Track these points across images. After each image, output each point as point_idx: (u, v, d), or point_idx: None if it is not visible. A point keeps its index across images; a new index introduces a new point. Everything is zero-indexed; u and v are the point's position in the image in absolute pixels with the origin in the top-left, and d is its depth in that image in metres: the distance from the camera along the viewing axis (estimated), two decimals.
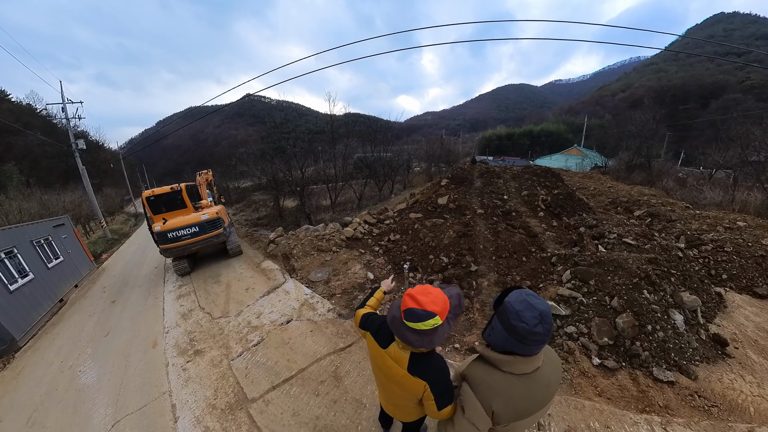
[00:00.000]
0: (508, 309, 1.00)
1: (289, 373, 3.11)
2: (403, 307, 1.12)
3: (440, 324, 1.08)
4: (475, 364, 1.17)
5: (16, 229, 6.00)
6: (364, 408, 2.61)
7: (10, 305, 5.01)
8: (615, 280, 3.51)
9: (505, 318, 1.01)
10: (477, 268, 4.88)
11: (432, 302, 1.07)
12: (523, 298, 1.01)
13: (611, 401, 2.48)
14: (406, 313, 1.09)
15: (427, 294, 1.10)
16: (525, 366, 1.04)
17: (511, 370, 1.05)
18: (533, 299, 1.00)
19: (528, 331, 0.96)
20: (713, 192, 11.31)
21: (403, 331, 1.12)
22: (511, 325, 0.99)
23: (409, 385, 1.20)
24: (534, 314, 0.96)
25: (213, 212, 6.66)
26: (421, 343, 1.10)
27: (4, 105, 31.62)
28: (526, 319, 0.96)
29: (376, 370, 1.37)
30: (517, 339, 0.98)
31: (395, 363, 1.22)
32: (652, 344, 2.88)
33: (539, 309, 0.97)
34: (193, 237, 6.28)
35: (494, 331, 1.08)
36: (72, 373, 3.82)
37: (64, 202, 15.14)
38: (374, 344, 1.31)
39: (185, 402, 2.98)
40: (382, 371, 1.31)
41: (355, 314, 1.55)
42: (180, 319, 4.71)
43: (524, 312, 0.97)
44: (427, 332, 1.08)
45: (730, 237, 4.98)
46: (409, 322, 1.08)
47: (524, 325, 0.96)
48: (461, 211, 7.33)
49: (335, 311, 4.20)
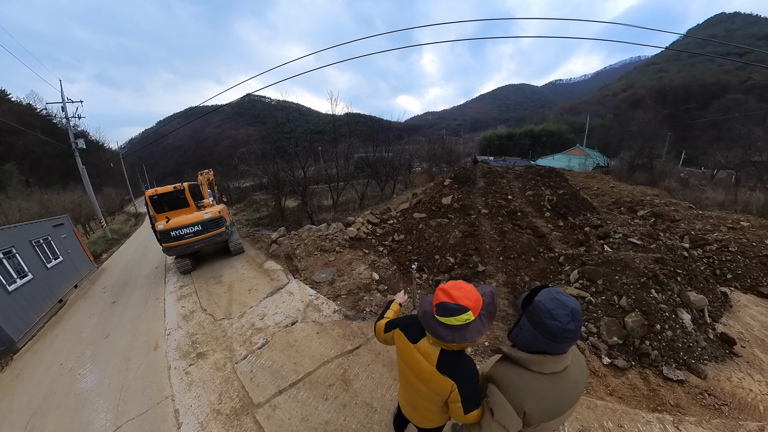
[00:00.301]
0: (539, 308, 1.00)
1: (296, 377, 3.02)
2: (435, 301, 1.11)
3: (472, 320, 1.06)
4: (501, 365, 1.15)
5: (14, 229, 5.91)
6: (375, 412, 2.53)
7: (9, 306, 4.93)
8: (623, 280, 3.52)
9: (536, 317, 1.00)
10: (485, 268, 4.79)
11: (465, 297, 1.06)
12: (553, 296, 1.00)
13: (623, 400, 2.48)
14: (438, 307, 1.08)
15: (460, 289, 1.09)
16: (555, 365, 1.03)
17: (540, 369, 1.04)
18: (563, 297, 1.00)
19: (561, 329, 0.95)
20: (715, 192, 11.26)
21: (434, 325, 1.11)
22: (543, 324, 0.98)
23: (436, 382, 1.16)
24: (566, 311, 0.96)
25: (215, 211, 6.72)
26: (452, 338, 1.08)
27: (5, 105, 31.59)
28: (558, 317, 0.95)
29: (403, 366, 1.33)
30: (549, 338, 0.98)
31: (424, 359, 1.20)
32: (661, 343, 2.89)
33: (570, 306, 0.97)
34: (196, 235, 6.33)
35: (522, 331, 1.06)
36: (71, 376, 3.74)
37: (64, 202, 15.10)
38: (403, 339, 1.29)
39: (188, 407, 2.89)
40: (409, 367, 1.27)
41: (376, 326, 1.54)
42: (182, 321, 4.62)
43: (556, 310, 0.96)
44: (459, 327, 1.06)
45: (734, 237, 5.01)
46: (441, 317, 1.07)
47: (557, 323, 0.95)
48: (466, 211, 7.25)
49: (341, 312, 4.11)
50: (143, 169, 51.71)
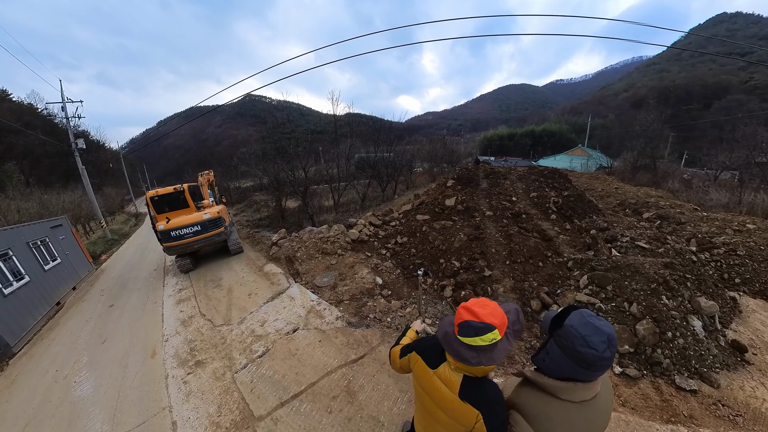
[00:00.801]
0: (571, 334, 0.92)
1: (298, 388, 2.91)
2: (457, 320, 1.03)
3: (499, 339, 0.99)
4: (525, 391, 1.07)
5: (11, 231, 5.82)
6: (382, 426, 2.43)
7: (5, 310, 4.84)
8: (633, 286, 3.46)
9: (568, 344, 0.92)
10: (491, 273, 4.67)
11: (490, 314, 0.99)
12: (587, 320, 0.92)
13: (636, 411, 2.40)
14: (462, 327, 1.00)
15: (484, 306, 1.01)
16: (585, 393, 0.96)
17: (570, 398, 0.96)
18: (597, 321, 0.92)
19: (597, 358, 0.88)
20: (719, 193, 11.13)
21: (457, 347, 1.02)
22: (576, 352, 0.91)
23: (459, 411, 1.06)
24: (602, 338, 0.89)
25: (214, 212, 6.85)
26: (478, 360, 0.99)
27: (5, 104, 31.54)
28: (594, 344, 0.88)
29: (422, 394, 1.22)
30: (583, 366, 0.91)
31: (445, 386, 1.10)
32: (673, 351, 2.82)
33: (606, 332, 0.90)
34: (196, 235, 6.48)
35: (550, 356, 0.99)
36: (67, 383, 3.64)
37: (63, 202, 15.00)
38: (421, 364, 1.20)
39: (187, 419, 2.79)
40: (429, 395, 1.17)
41: (391, 353, 1.44)
42: (180, 327, 4.52)
43: (591, 336, 0.89)
44: (485, 348, 0.98)
45: (741, 240, 4.97)
46: (465, 338, 1.00)
47: (593, 352, 0.88)
48: (470, 212, 7.13)
49: (344, 319, 4.00)
50: (144, 168, 51.67)
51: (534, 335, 3.47)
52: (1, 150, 26.35)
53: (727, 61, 54.52)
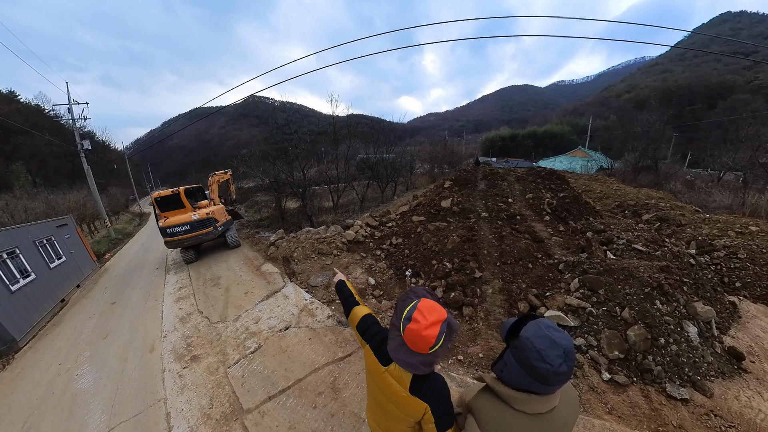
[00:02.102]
0: (526, 347, 0.89)
1: (286, 383, 3.02)
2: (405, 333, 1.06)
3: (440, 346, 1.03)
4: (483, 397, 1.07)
5: (18, 230, 6.01)
6: (363, 423, 2.51)
7: (12, 306, 5.01)
8: (626, 290, 3.37)
9: (523, 357, 0.90)
10: (481, 274, 4.75)
11: (432, 324, 1.02)
12: (543, 333, 0.89)
13: (622, 420, 2.37)
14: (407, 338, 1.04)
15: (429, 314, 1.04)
16: (540, 406, 0.94)
17: (524, 409, 0.94)
18: (554, 333, 0.89)
19: (552, 373, 0.85)
20: (722, 195, 11.03)
21: (401, 356, 1.08)
22: (530, 366, 0.87)
23: (409, 406, 1.13)
24: (558, 353, 0.85)
25: (203, 213, 7.55)
26: (421, 370, 1.07)
27: (13, 106, 32.15)
28: (549, 359, 0.85)
29: (374, 388, 1.29)
30: (538, 380, 0.88)
31: (396, 382, 1.17)
32: (665, 358, 2.76)
33: (563, 345, 0.86)
34: (185, 234, 7.22)
35: (507, 367, 0.96)
36: (69, 376, 3.79)
37: (69, 202, 15.31)
38: (374, 360, 1.24)
39: (180, 410, 2.92)
40: (380, 389, 1.24)
41: (352, 313, 1.44)
42: (178, 323, 4.66)
43: (547, 351, 0.85)
44: (428, 356, 1.04)
45: (742, 243, 4.82)
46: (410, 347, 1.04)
47: (548, 367, 0.85)
48: (465, 214, 7.19)
49: (335, 318, 4.11)
50: (148, 169, 52.33)
51: None
52: (9, 150, 26.89)
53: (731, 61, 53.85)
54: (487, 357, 3.16)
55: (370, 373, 1.29)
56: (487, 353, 3.20)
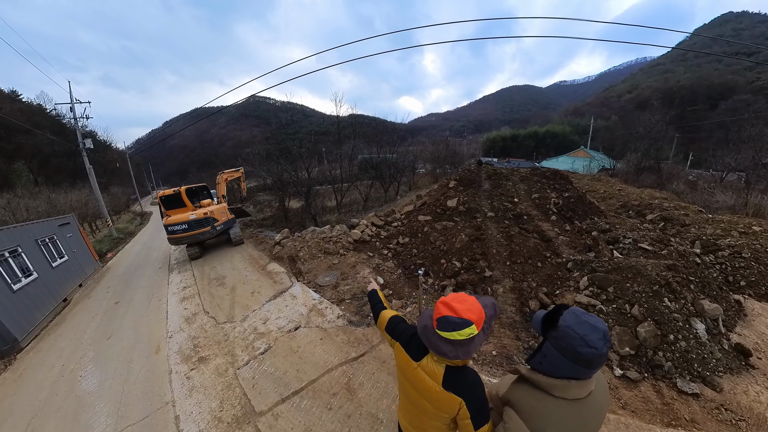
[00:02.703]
0: (569, 335, 0.92)
1: (299, 385, 2.95)
2: (436, 315, 1.05)
3: (476, 333, 1.01)
4: (519, 388, 1.08)
5: (20, 228, 5.94)
6: (381, 424, 2.45)
7: (13, 305, 4.94)
8: (634, 288, 3.43)
9: (566, 345, 0.92)
10: (491, 273, 4.69)
11: (468, 310, 1.01)
12: (582, 319, 0.93)
13: (636, 414, 2.40)
14: (440, 321, 1.02)
15: (463, 301, 1.03)
16: (580, 390, 0.96)
17: (564, 395, 0.96)
18: (591, 318, 0.93)
19: (597, 355, 0.88)
20: (725, 195, 10.99)
21: (435, 341, 1.05)
22: (575, 352, 0.91)
23: (443, 401, 1.10)
24: (599, 336, 0.89)
25: (201, 213, 7.77)
26: (455, 354, 1.03)
27: (16, 105, 32.13)
28: (593, 343, 0.88)
29: (406, 385, 1.26)
30: (583, 365, 0.91)
31: (429, 377, 1.13)
32: (675, 354, 2.80)
33: (602, 329, 0.91)
34: (184, 232, 7.48)
35: (547, 359, 0.98)
36: (73, 377, 3.71)
37: (71, 201, 15.24)
38: (405, 357, 1.22)
39: (189, 413, 2.84)
40: (413, 386, 1.20)
41: (380, 316, 1.45)
42: (184, 323, 4.58)
43: (590, 335, 0.89)
44: (463, 342, 1.01)
45: (746, 242, 4.89)
46: (443, 332, 1.01)
47: (593, 350, 0.88)
48: (471, 213, 7.13)
49: (345, 318, 4.03)
50: (149, 168, 52.31)
51: (532, 336, 3.47)
52: (11, 149, 26.84)
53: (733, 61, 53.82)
54: (500, 355, 3.16)
55: (401, 370, 1.27)
56: (500, 351, 3.20)
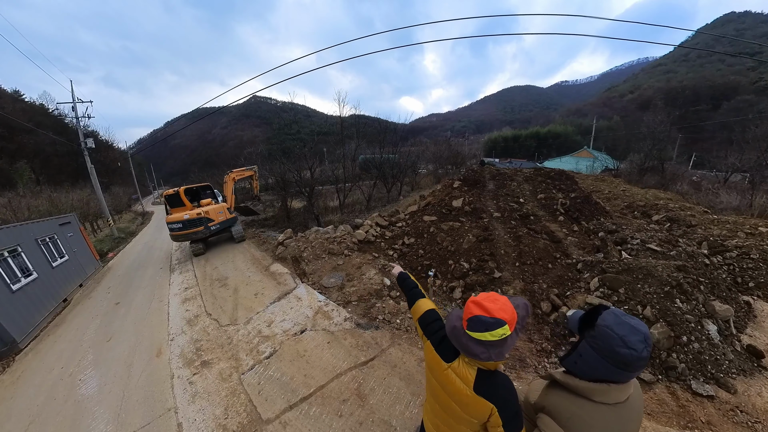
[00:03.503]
0: (607, 335, 0.90)
1: (307, 391, 2.83)
2: (466, 315, 1.01)
3: (509, 334, 0.97)
4: (554, 394, 1.05)
5: (20, 227, 5.85)
6: (394, 431, 2.34)
7: (12, 305, 4.85)
8: (645, 289, 3.39)
9: (604, 345, 0.90)
10: (501, 274, 4.57)
11: (501, 309, 0.97)
12: (622, 320, 0.91)
13: (652, 417, 2.36)
14: (471, 321, 0.98)
15: (495, 301, 1.00)
16: (620, 394, 0.94)
17: (604, 400, 0.94)
18: (632, 320, 0.91)
19: (636, 358, 0.87)
20: (730, 196, 10.87)
21: (465, 342, 1.01)
22: (614, 353, 0.89)
23: (473, 406, 1.05)
24: (639, 338, 0.87)
25: (194, 213, 8.02)
26: (488, 355, 0.99)
27: (18, 105, 32.21)
28: (632, 344, 0.87)
29: (435, 386, 1.19)
30: (621, 368, 0.89)
31: (459, 380, 1.07)
32: (688, 356, 2.77)
33: (643, 332, 0.89)
34: (179, 230, 7.82)
35: (583, 359, 0.96)
36: (72, 381, 3.61)
37: (72, 200, 15.20)
38: (436, 357, 1.16)
39: (192, 421, 2.72)
40: (443, 388, 1.14)
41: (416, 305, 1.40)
42: (186, 326, 4.47)
43: (629, 336, 0.87)
44: (496, 343, 0.96)
45: (754, 243, 4.84)
46: (474, 332, 0.98)
47: (632, 352, 0.86)
48: (477, 214, 7.02)
49: (353, 320, 3.91)
50: (151, 168, 52.35)
51: (545, 337, 3.37)
52: (13, 149, 26.86)
53: (735, 61, 53.61)
54: (512, 357, 3.09)
55: (431, 369, 1.20)
56: (512, 353, 3.15)
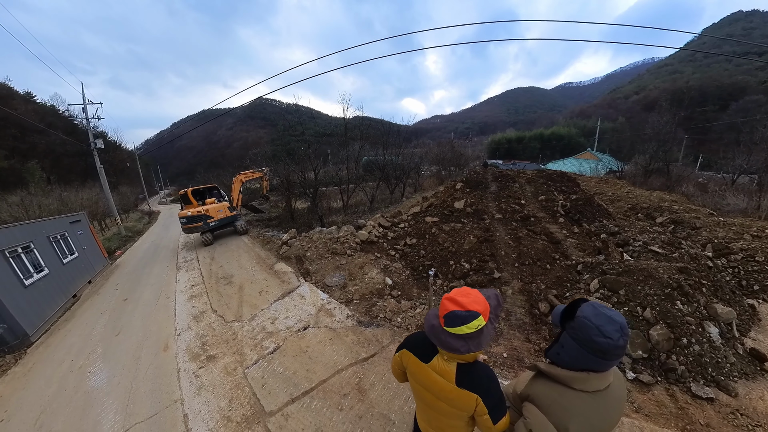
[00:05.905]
0: (585, 325, 0.95)
1: (309, 385, 2.91)
2: (442, 312, 1.04)
3: (484, 324, 1.01)
4: (539, 383, 1.10)
5: (33, 225, 6.03)
6: (393, 425, 2.40)
7: (25, 300, 4.99)
8: (646, 290, 3.39)
9: (583, 335, 0.95)
10: (500, 275, 4.61)
11: (473, 302, 1.01)
12: (599, 311, 0.96)
13: (650, 418, 2.35)
14: (447, 318, 1.02)
15: (467, 295, 1.04)
16: (599, 383, 0.98)
17: (584, 387, 0.99)
18: (609, 311, 0.96)
19: (612, 346, 0.92)
20: (737, 198, 10.72)
21: (444, 338, 1.04)
22: (592, 342, 0.94)
23: (459, 399, 1.09)
24: (615, 328, 0.92)
25: (195, 211, 9.32)
26: (468, 348, 1.02)
27: (30, 106, 33.00)
28: (609, 333, 0.92)
29: (419, 389, 1.23)
30: (599, 356, 0.94)
31: (441, 377, 1.11)
32: (688, 358, 2.76)
33: (619, 321, 0.94)
34: (185, 224, 9.26)
35: (565, 349, 1.01)
36: (82, 373, 3.72)
37: (81, 199, 15.50)
38: (415, 361, 1.20)
39: (198, 412, 2.81)
40: (427, 389, 1.17)
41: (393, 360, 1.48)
42: (192, 321, 4.58)
43: (605, 326, 0.93)
44: (473, 335, 1.00)
45: (760, 246, 4.79)
46: (451, 328, 1.01)
47: (608, 341, 0.91)
48: (479, 215, 7.06)
49: (354, 318, 3.99)
50: (158, 168, 53.13)
51: (543, 338, 3.39)
52: (25, 149, 27.53)
53: (743, 61, 52.73)
54: (510, 357, 3.11)
55: (413, 375, 1.24)
56: (510, 353, 3.15)
